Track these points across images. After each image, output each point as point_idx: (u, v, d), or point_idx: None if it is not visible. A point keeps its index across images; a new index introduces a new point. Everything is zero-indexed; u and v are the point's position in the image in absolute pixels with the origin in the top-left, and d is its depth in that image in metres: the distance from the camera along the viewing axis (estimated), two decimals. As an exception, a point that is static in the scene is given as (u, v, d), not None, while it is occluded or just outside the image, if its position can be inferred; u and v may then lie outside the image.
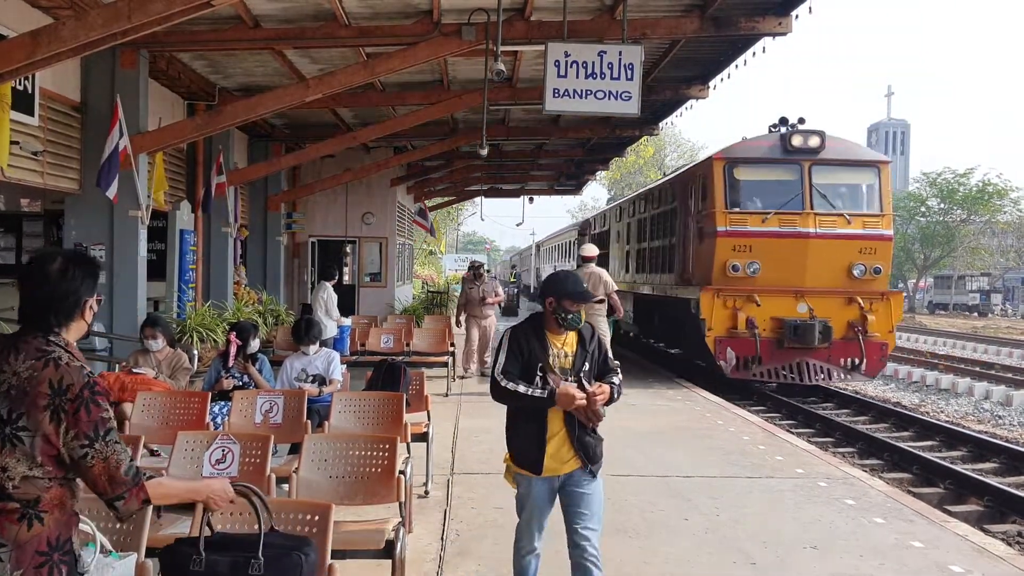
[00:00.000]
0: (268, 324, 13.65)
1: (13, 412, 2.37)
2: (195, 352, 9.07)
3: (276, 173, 17.51)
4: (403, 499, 4.40)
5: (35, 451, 2.37)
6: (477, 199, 35.21)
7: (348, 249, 20.74)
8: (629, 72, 8.87)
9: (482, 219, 63.25)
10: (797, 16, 10.22)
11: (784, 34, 10.39)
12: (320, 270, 13.57)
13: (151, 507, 2.74)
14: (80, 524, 2.57)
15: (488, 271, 30.40)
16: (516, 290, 34.82)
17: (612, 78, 8.87)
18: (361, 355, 11.89)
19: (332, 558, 3.13)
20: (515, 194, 31.13)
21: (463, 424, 9.44)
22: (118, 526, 2.98)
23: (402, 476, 4.36)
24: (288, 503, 3.19)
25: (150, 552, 3.06)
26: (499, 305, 14.90)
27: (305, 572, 2.83)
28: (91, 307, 2.63)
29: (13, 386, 2.39)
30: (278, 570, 2.77)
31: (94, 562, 2.69)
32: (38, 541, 2.37)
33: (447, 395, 11.23)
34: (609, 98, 8.90)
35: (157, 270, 12.25)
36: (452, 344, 12.69)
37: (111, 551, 2.85)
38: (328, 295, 13.23)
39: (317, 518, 3.08)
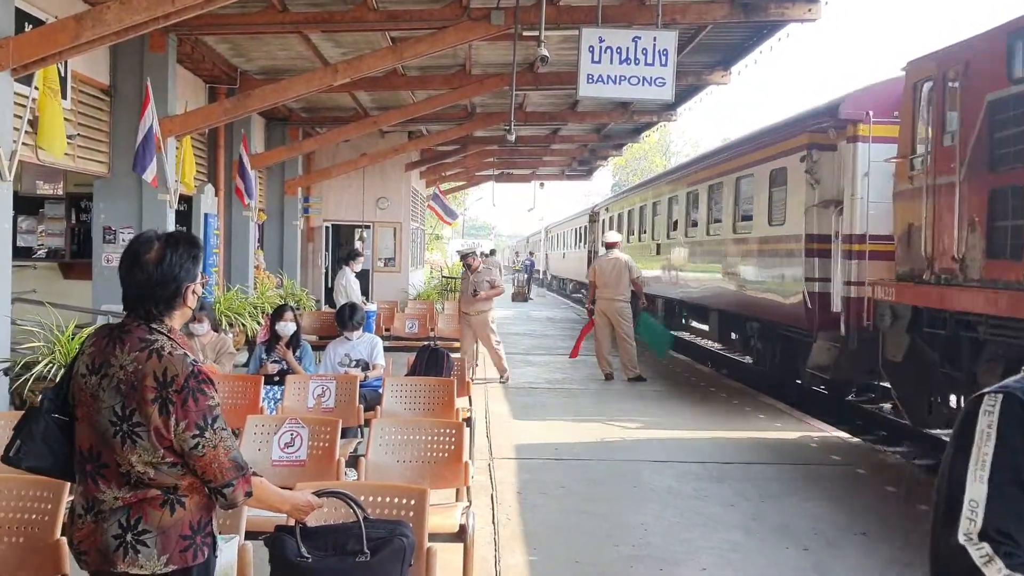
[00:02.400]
0: (290, 309, 13.69)
1: (126, 408, 2.38)
2: (230, 336, 9.11)
3: (293, 157, 17.52)
4: (469, 484, 4.44)
5: (154, 444, 2.37)
6: (483, 184, 35.22)
7: (363, 234, 20.72)
8: (663, 58, 8.83)
9: (494, 205, 62.62)
10: (827, 2, 10.21)
11: (813, 20, 10.35)
12: (344, 255, 13.59)
13: None
14: None
15: (492, 252, 28.83)
16: (527, 276, 34.48)
17: (646, 64, 8.83)
18: (385, 340, 11.90)
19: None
20: (526, 179, 31.12)
21: (492, 409, 9.50)
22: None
23: (469, 462, 4.39)
24: (385, 487, 3.22)
25: (249, 536, 3.10)
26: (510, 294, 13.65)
27: (408, 556, 2.86)
28: (193, 291, 2.58)
29: (122, 380, 2.39)
30: (385, 557, 2.80)
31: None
32: (181, 525, 2.41)
33: (472, 379, 11.25)
34: (643, 84, 8.87)
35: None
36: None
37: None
38: (348, 280, 13.26)
39: (413, 502, 3.12)
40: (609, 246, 11.82)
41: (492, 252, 27.35)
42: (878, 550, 5.16)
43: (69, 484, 2.81)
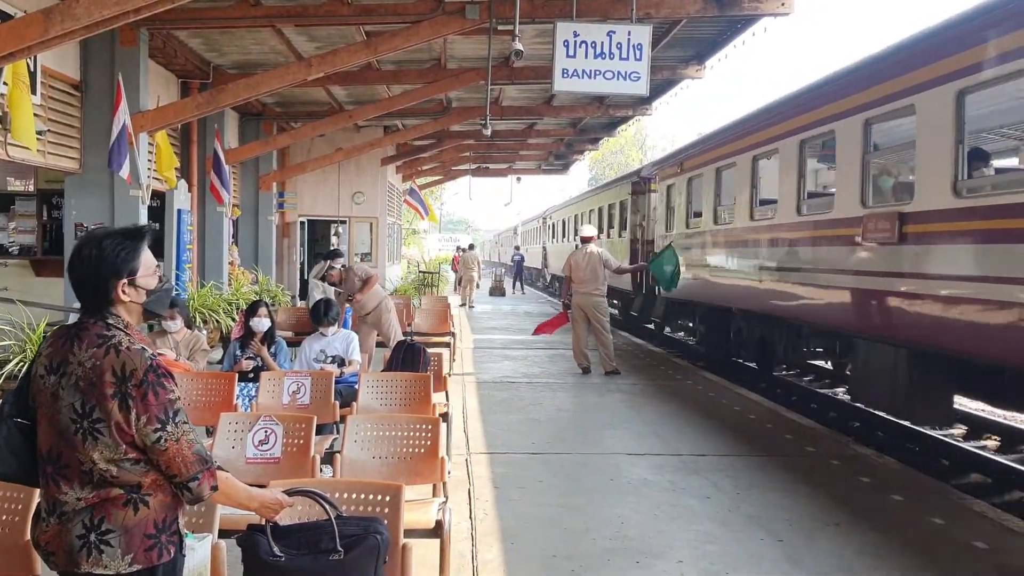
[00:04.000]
0: (265, 305, 13.61)
1: (86, 405, 2.36)
2: (203, 333, 9.04)
3: (267, 152, 17.40)
4: (445, 479, 4.43)
5: (116, 440, 2.35)
6: (460, 179, 35.11)
7: (339, 229, 20.63)
8: (638, 52, 8.87)
9: (471, 199, 62.38)
10: (801, -5, 10.25)
11: (786, 14, 10.42)
12: (327, 254, 13.56)
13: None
14: None
15: (471, 247, 28.75)
16: (514, 273, 34.30)
17: (621, 58, 8.86)
18: (362, 335, 11.86)
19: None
20: (502, 174, 31.09)
21: (470, 404, 9.49)
22: (192, 508, 2.98)
23: (445, 457, 4.39)
24: (360, 484, 3.21)
25: (222, 534, 3.08)
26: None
27: (382, 553, 2.85)
28: (131, 285, 2.49)
29: (80, 377, 2.37)
30: (359, 555, 2.79)
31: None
32: (145, 524, 2.39)
33: (449, 374, 11.24)
34: (618, 78, 8.90)
35: (153, 250, 12.11)
36: (452, 324, 12.69)
37: (187, 533, 2.87)
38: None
39: (388, 498, 3.11)
40: (584, 240, 11.86)
41: (471, 247, 27.35)
42: (851, 540, 5.21)
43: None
